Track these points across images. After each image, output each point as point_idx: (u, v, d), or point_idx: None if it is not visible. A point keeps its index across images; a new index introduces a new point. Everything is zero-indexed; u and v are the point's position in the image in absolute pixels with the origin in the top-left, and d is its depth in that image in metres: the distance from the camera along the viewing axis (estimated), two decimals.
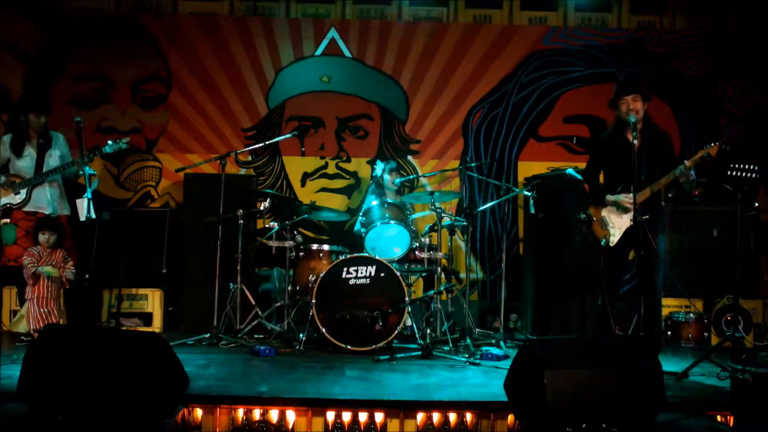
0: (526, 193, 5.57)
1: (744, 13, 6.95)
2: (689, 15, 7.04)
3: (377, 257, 5.17)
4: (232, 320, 5.51)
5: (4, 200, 5.44)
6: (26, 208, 5.47)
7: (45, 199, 5.51)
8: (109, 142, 5.46)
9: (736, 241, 4.63)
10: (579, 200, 5.32)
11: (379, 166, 6.22)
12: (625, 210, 4.78)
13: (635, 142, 4.56)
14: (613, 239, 4.85)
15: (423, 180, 6.94)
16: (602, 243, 4.86)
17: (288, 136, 6.00)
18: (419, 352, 4.82)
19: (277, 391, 3.77)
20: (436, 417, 3.58)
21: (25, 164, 5.51)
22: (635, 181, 4.55)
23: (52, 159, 5.55)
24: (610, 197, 4.86)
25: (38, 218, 5.39)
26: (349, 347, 4.97)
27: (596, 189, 5.05)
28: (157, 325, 6.04)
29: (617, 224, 4.85)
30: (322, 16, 7.00)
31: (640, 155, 4.65)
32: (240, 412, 3.58)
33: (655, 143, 4.80)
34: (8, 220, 5.50)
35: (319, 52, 6.95)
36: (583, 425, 3.12)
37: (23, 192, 5.45)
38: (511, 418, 3.53)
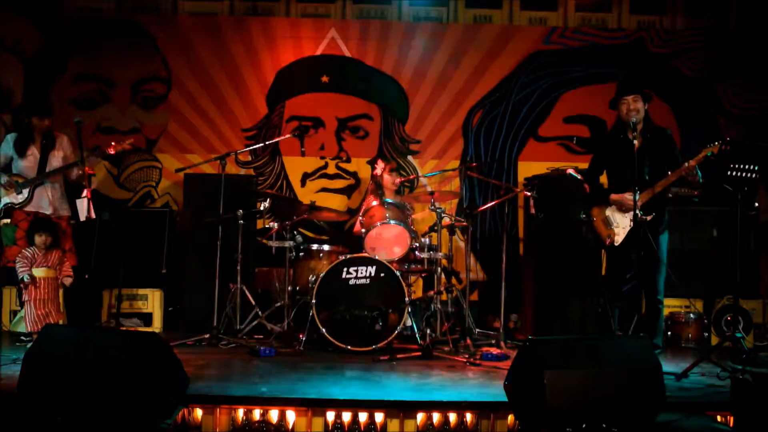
0: (526, 193, 5.56)
1: (744, 13, 6.94)
2: (689, 15, 7.04)
3: (377, 257, 5.17)
4: (232, 320, 5.50)
5: (7, 200, 5.44)
6: (28, 208, 5.45)
7: (46, 200, 5.50)
8: (113, 143, 5.48)
9: (736, 241, 4.63)
10: (579, 200, 5.32)
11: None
12: (628, 209, 4.78)
13: (635, 142, 4.59)
14: (618, 238, 4.85)
15: (423, 180, 6.94)
16: (606, 242, 4.86)
17: (288, 136, 6.01)
18: (419, 352, 4.82)
19: (277, 391, 3.76)
20: (436, 417, 3.58)
21: (28, 164, 5.49)
22: (636, 182, 4.56)
23: (55, 160, 5.54)
24: (614, 196, 4.87)
25: (32, 219, 5.35)
26: (349, 347, 4.97)
27: (598, 189, 5.05)
28: (157, 325, 6.05)
29: (621, 224, 4.85)
30: (322, 16, 7.00)
31: (642, 156, 4.66)
32: (240, 412, 3.58)
33: (656, 143, 4.80)
34: (9, 221, 5.49)
35: (319, 52, 6.95)
36: (583, 425, 3.12)
37: (25, 192, 5.44)
38: (511, 418, 3.53)
